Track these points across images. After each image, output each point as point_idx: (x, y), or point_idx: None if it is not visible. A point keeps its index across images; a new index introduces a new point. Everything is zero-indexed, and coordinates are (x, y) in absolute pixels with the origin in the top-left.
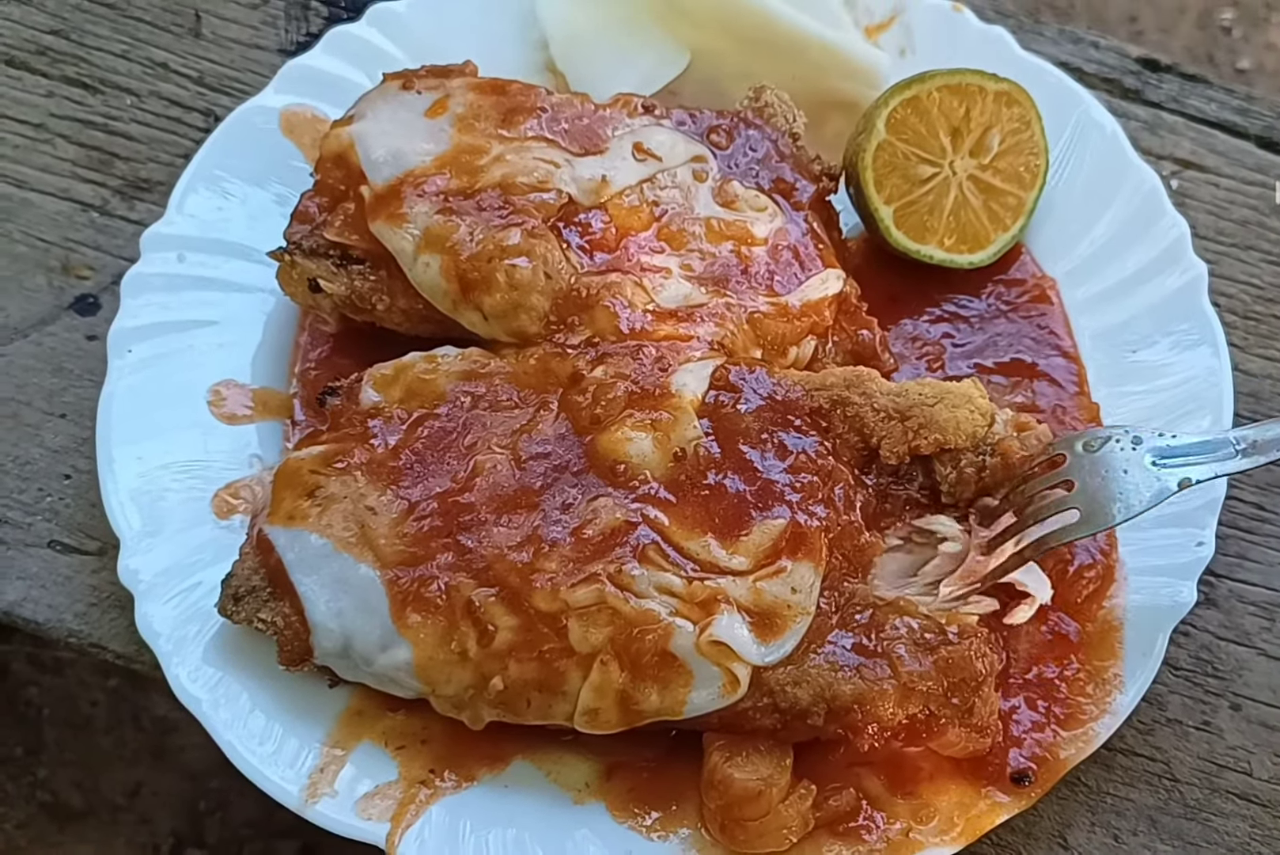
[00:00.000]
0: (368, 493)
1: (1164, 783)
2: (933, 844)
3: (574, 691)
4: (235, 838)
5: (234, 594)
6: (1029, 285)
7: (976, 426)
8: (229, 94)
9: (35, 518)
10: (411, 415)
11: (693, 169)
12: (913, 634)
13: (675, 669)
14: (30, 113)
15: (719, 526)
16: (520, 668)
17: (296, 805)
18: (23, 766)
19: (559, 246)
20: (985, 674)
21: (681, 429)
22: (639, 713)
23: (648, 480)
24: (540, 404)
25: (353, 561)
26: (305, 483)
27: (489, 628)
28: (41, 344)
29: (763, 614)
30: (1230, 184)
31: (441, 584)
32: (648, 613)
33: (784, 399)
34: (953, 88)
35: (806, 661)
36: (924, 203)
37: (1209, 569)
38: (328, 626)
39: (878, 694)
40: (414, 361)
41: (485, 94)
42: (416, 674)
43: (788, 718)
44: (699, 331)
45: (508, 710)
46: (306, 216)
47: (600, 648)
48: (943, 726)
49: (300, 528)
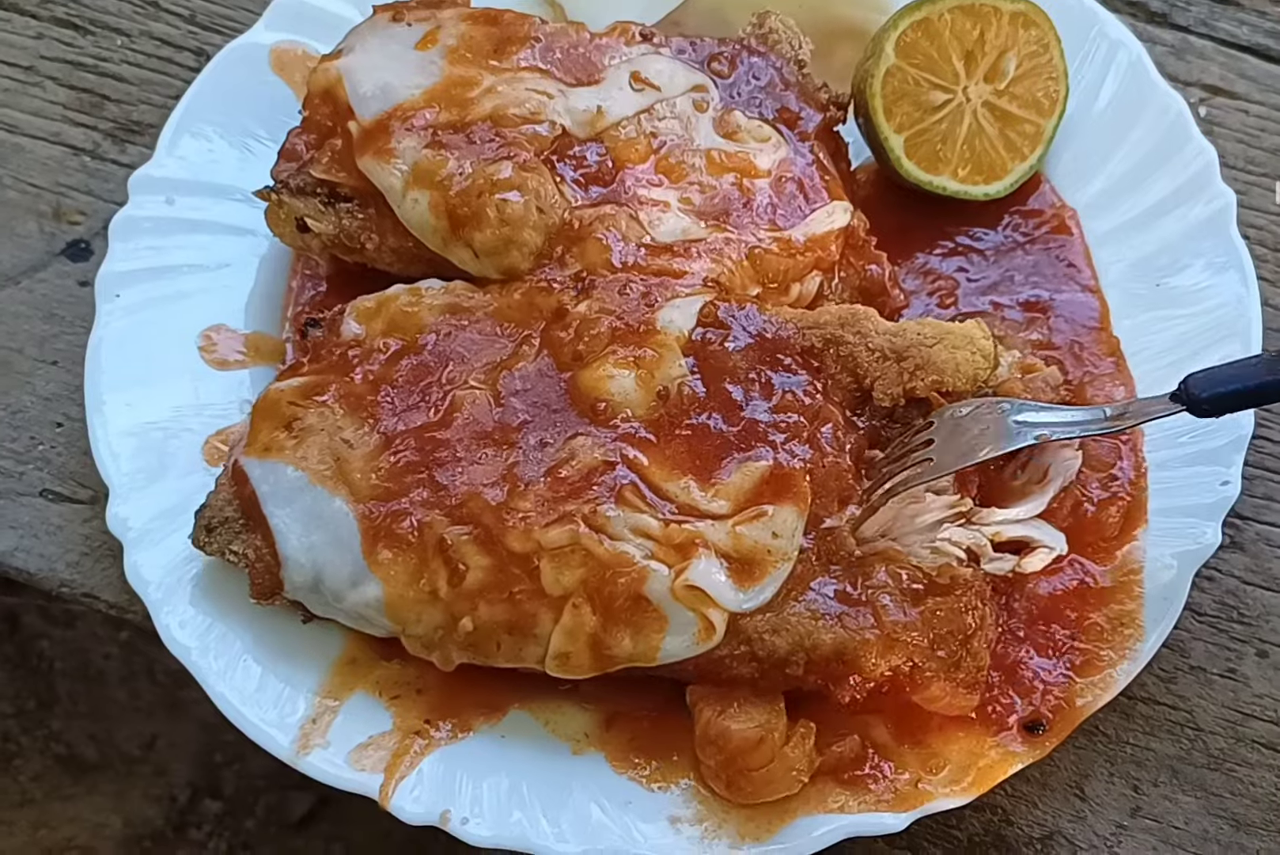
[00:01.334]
0: (345, 425)
1: (1186, 732)
2: (943, 794)
3: (545, 635)
4: (251, 789)
5: (207, 525)
6: (1047, 216)
7: (978, 369)
8: (221, 32)
9: (27, 467)
10: (392, 348)
11: (693, 99)
12: (899, 583)
13: (649, 614)
14: (19, 55)
15: (700, 468)
16: (491, 609)
17: (288, 756)
18: (36, 719)
19: (552, 180)
20: (974, 627)
21: (666, 367)
22: (611, 658)
23: (629, 419)
24: (523, 339)
25: (327, 495)
26: (283, 414)
27: (460, 567)
28: (33, 291)
29: (742, 559)
30: (1261, 111)
31: (414, 521)
32: (622, 555)
33: (774, 337)
34: (966, 8)
35: (786, 609)
36: (936, 131)
37: (1235, 511)
38: (299, 560)
39: (859, 644)
40: (398, 294)
41: (477, 24)
42: (386, 612)
43: (766, 666)
44: (694, 267)
45: (478, 652)
46: (294, 154)
47: (572, 590)
48: (927, 680)
49: (276, 460)
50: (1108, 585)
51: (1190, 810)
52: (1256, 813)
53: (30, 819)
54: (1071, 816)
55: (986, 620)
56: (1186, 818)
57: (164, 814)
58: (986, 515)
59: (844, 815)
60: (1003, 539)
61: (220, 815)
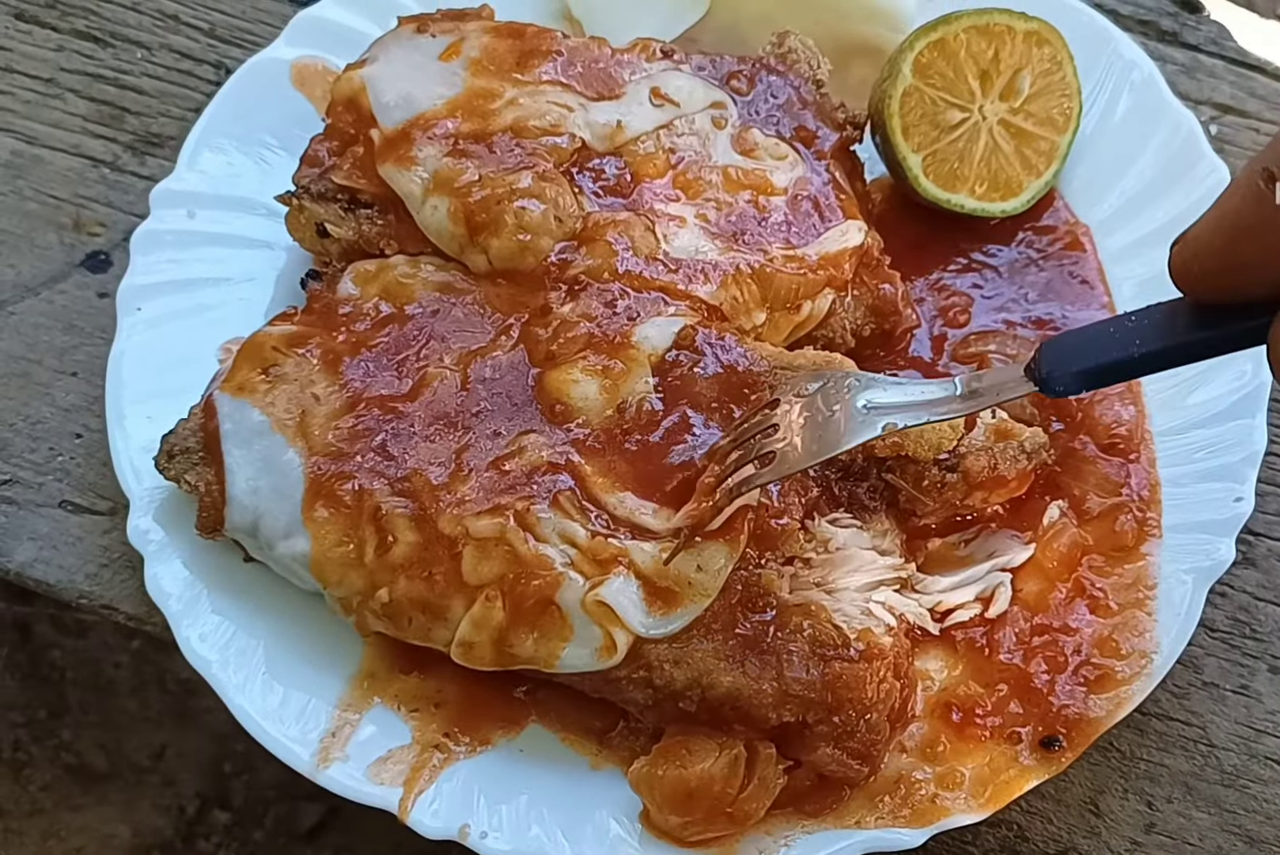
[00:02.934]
0: (317, 380)
1: (1200, 748)
2: (960, 810)
3: (456, 620)
4: (261, 800)
5: (169, 450)
6: (1061, 232)
7: (943, 438)
8: (240, 46)
9: (46, 478)
10: (382, 313)
11: (711, 115)
12: (811, 641)
13: (556, 620)
14: (40, 67)
15: (640, 486)
16: (409, 585)
17: (308, 770)
18: (47, 729)
19: (571, 191)
20: (875, 700)
21: (632, 381)
22: (512, 656)
23: (584, 425)
24: (503, 329)
25: (284, 444)
26: (264, 358)
27: (389, 538)
28: (53, 302)
29: (660, 586)
30: (1271, 129)
31: (357, 485)
32: (543, 558)
33: (745, 371)
34: (980, 28)
35: (692, 643)
36: (953, 150)
37: (1248, 527)
38: (242, 502)
39: (754, 692)
40: (397, 263)
41: (501, 37)
42: (311, 568)
43: (660, 696)
44: (699, 290)
45: (392, 624)
46: (315, 160)
47: (488, 582)
48: (815, 742)
49: (245, 399)
50: (1122, 601)
51: (1204, 826)
52: (1270, 829)
53: (40, 829)
54: (1086, 832)
55: (893, 694)
56: (1200, 834)
57: (173, 824)
58: (930, 583)
59: (861, 831)
60: (942, 610)
61: (229, 826)
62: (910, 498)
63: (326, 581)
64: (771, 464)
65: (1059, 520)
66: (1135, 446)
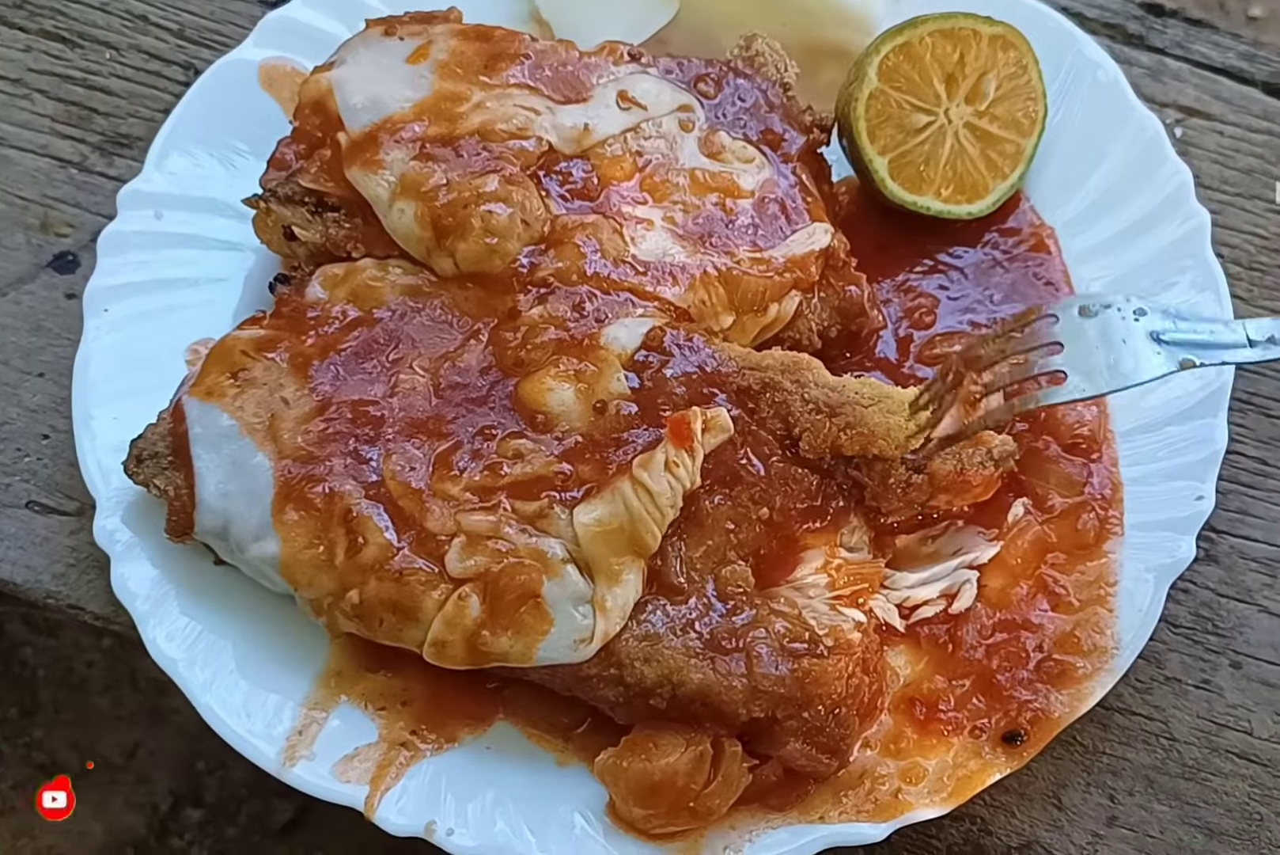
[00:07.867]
0: (286, 384)
1: (1162, 742)
2: (923, 804)
3: (427, 620)
4: (233, 797)
5: (138, 455)
6: (1026, 234)
7: (910, 436)
8: (209, 47)
9: (13, 478)
10: (350, 317)
11: (679, 118)
12: (780, 637)
13: (536, 613)
14: (8, 67)
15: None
16: (380, 586)
17: (274, 768)
18: (18, 727)
19: (538, 194)
20: (844, 696)
21: (605, 381)
22: (485, 653)
23: (569, 432)
24: (472, 333)
25: (253, 447)
26: (233, 362)
27: (359, 540)
28: (20, 302)
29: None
30: (1235, 132)
31: (327, 488)
32: (539, 550)
33: (713, 371)
34: (946, 32)
35: (664, 641)
36: (919, 152)
37: (1210, 525)
38: (212, 505)
39: (724, 689)
40: (365, 266)
41: (469, 40)
42: (281, 570)
43: (631, 693)
44: (666, 293)
45: (363, 625)
46: (283, 163)
47: (471, 576)
48: (784, 737)
49: (214, 404)
50: (1084, 598)
51: (1165, 819)
52: (1230, 822)
53: (11, 827)
54: (1049, 826)
55: (862, 689)
56: (1162, 827)
57: (146, 822)
58: (897, 579)
59: (825, 825)
60: (910, 605)
61: (202, 823)
62: (875, 495)
63: (297, 583)
64: (1063, 384)
65: (1023, 517)
66: (1098, 446)
